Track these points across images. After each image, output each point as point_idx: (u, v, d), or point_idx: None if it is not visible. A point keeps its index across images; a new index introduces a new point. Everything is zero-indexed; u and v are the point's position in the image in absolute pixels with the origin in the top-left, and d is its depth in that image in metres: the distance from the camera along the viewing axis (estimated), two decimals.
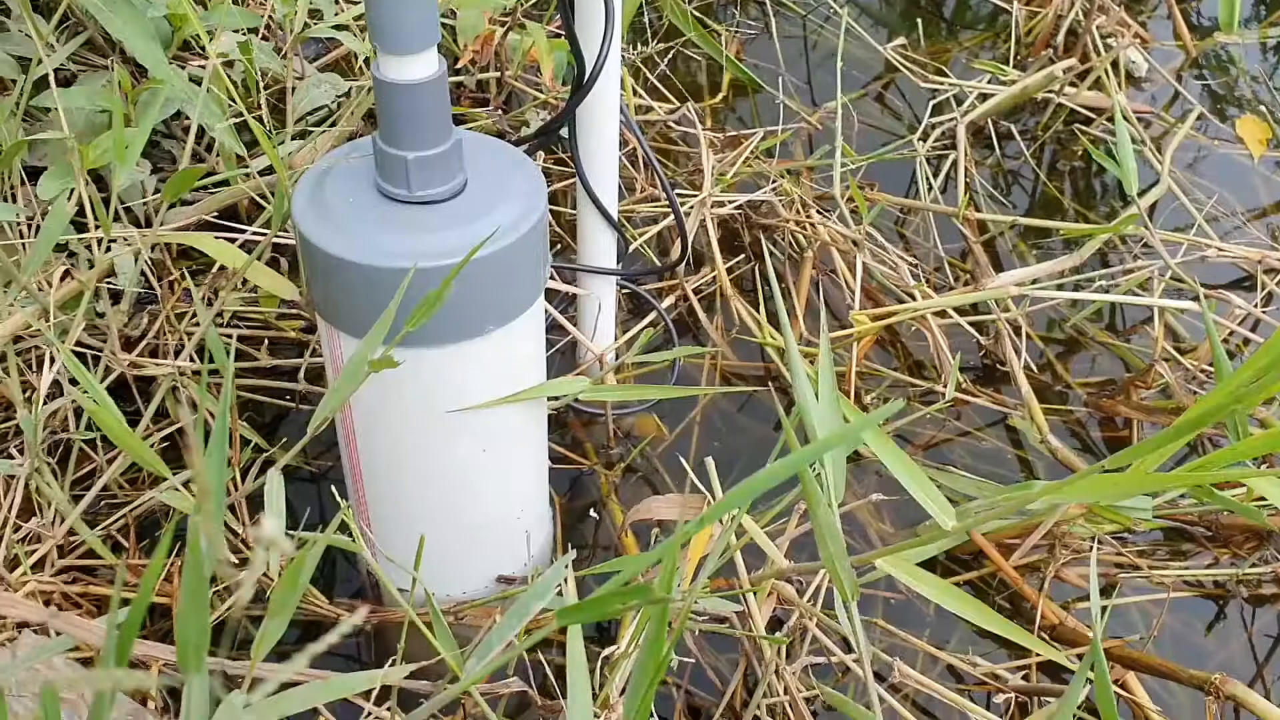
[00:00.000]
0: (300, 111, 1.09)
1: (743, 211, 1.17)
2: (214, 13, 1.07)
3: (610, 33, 0.79)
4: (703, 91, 1.42)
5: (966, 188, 1.22)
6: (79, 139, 1.02)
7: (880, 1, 1.63)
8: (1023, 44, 1.49)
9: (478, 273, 0.67)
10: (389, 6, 0.66)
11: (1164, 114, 1.40)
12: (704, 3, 1.58)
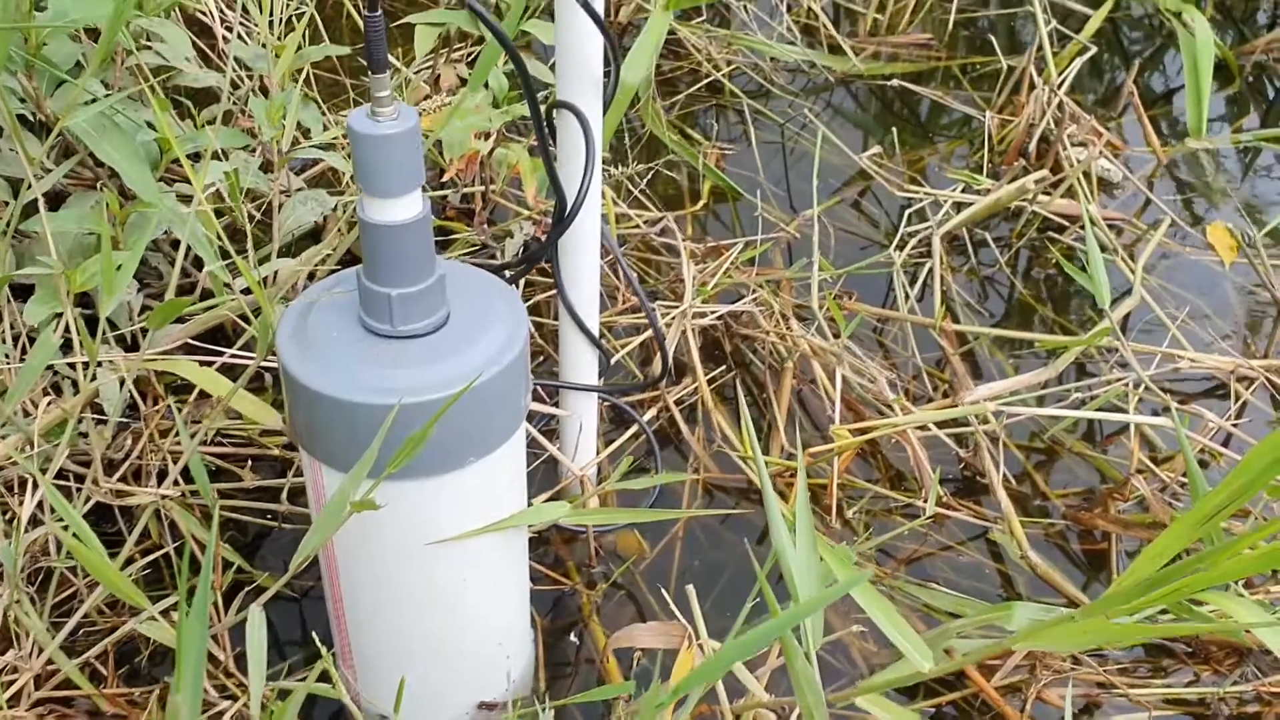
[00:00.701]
0: (287, 230, 1.11)
1: (723, 321, 1.19)
2: (202, 134, 1.09)
3: (590, 168, 0.81)
4: (684, 198, 1.44)
5: (943, 297, 1.24)
6: (67, 258, 1.03)
7: (856, 105, 1.67)
8: (995, 151, 1.52)
9: (460, 407, 0.67)
10: (374, 154, 0.68)
11: (1136, 221, 1.43)
12: (684, 111, 1.62)
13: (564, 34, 0.82)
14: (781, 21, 1.75)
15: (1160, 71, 1.82)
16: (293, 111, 1.12)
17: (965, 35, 1.84)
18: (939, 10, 1.86)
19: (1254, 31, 1.91)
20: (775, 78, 1.70)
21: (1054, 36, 1.75)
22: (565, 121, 0.85)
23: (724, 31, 1.72)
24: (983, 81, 1.72)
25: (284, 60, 1.14)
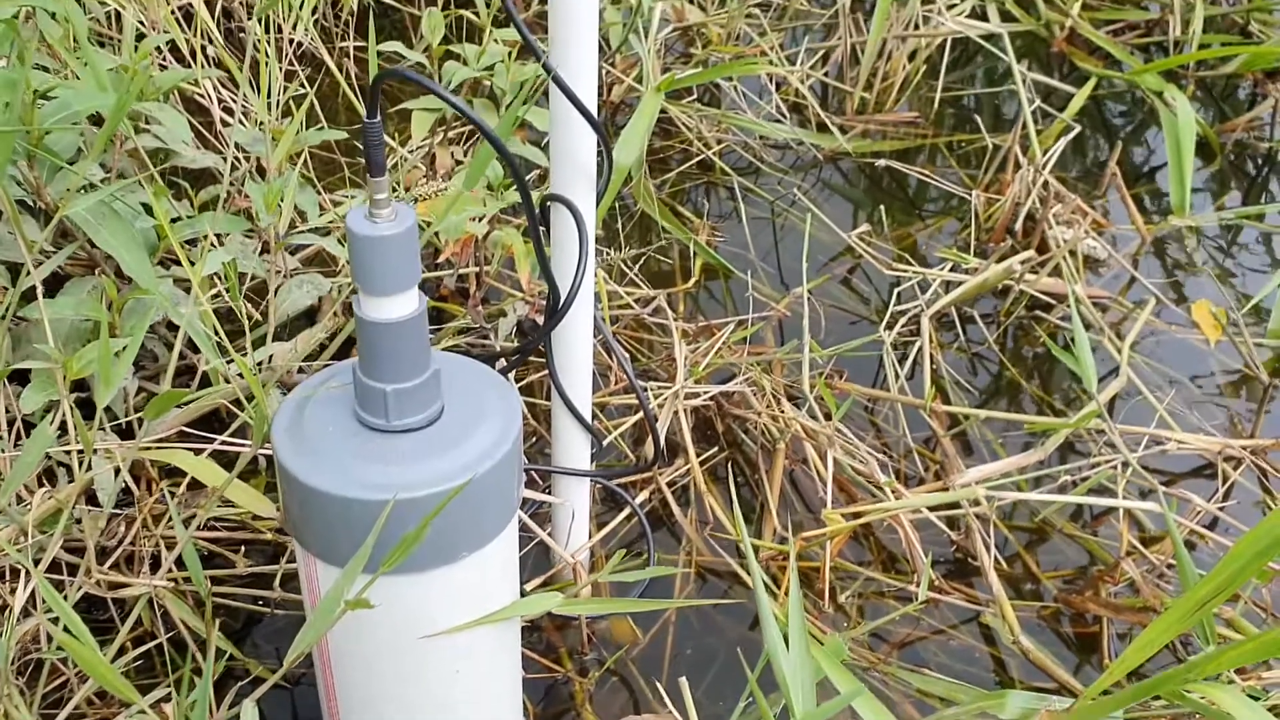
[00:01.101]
0: (282, 314, 1.12)
1: (715, 401, 1.20)
2: (199, 219, 1.11)
3: (584, 263, 0.82)
4: (676, 274, 1.46)
5: (933, 376, 1.25)
6: (64, 342, 1.04)
7: (845, 181, 1.69)
8: (983, 229, 1.54)
9: (454, 501, 0.68)
10: (371, 254, 0.69)
11: (1121, 299, 1.45)
12: (675, 189, 1.64)
13: (558, 129, 0.84)
14: (770, 100, 1.78)
15: (1144, 144, 1.85)
16: (289, 196, 1.14)
17: (951, 112, 1.88)
18: (925, 88, 1.90)
19: (1234, 107, 1.95)
20: (765, 155, 1.73)
21: (1038, 114, 1.79)
22: (559, 214, 0.87)
23: (714, 110, 1.75)
24: (969, 158, 1.75)
25: (282, 146, 1.16)
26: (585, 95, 0.81)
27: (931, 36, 1.82)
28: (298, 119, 1.16)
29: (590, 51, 0.80)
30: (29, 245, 0.98)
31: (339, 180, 1.56)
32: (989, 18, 2.04)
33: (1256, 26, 2.06)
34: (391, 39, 1.97)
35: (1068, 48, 2.03)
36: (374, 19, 1.95)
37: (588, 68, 0.80)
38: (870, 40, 1.82)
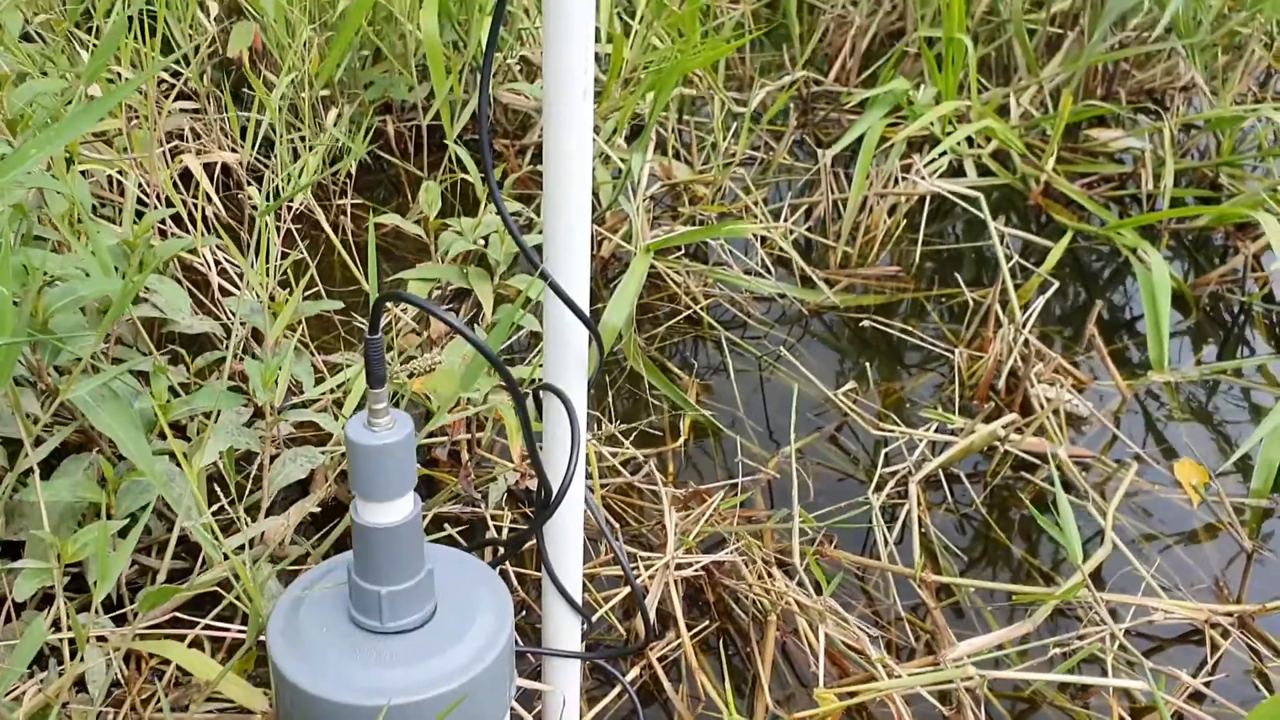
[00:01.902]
0: (276, 487, 1.13)
1: (707, 570, 1.20)
2: (197, 396, 1.13)
3: (575, 457, 0.83)
4: (666, 432, 1.48)
5: (922, 540, 1.26)
6: (59, 520, 1.05)
7: (830, 334, 1.73)
8: (966, 385, 1.57)
9: (445, 703, 0.68)
10: (369, 463, 0.71)
11: (1104, 457, 1.47)
12: (663, 344, 1.67)
13: (551, 322, 0.86)
14: (755, 255, 1.83)
15: (1122, 292, 1.89)
16: (286, 369, 1.16)
17: (931, 266, 1.92)
18: (905, 241, 1.95)
19: (1209, 257, 2.00)
20: (751, 309, 1.76)
21: (1016, 269, 1.84)
22: (551, 401, 0.89)
23: (701, 266, 1.79)
24: (952, 312, 1.79)
25: (280, 320, 1.19)
26: (578, 294, 0.84)
27: (910, 195, 1.87)
28: (296, 295, 1.19)
29: (582, 254, 0.83)
30: (28, 431, 1.00)
31: (333, 340, 1.59)
32: (966, 172, 2.11)
33: (1226, 179, 2.13)
34: (388, 190, 2.04)
35: (1044, 201, 2.09)
36: (373, 175, 2.00)
37: (580, 268, 0.83)
38: (851, 197, 1.87)
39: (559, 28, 0.72)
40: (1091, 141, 2.29)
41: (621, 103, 2.02)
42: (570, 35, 0.73)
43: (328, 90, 1.93)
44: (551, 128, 0.75)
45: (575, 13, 0.72)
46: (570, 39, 0.74)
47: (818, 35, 2.67)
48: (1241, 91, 2.39)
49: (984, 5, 2.50)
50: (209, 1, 1.87)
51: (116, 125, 1.54)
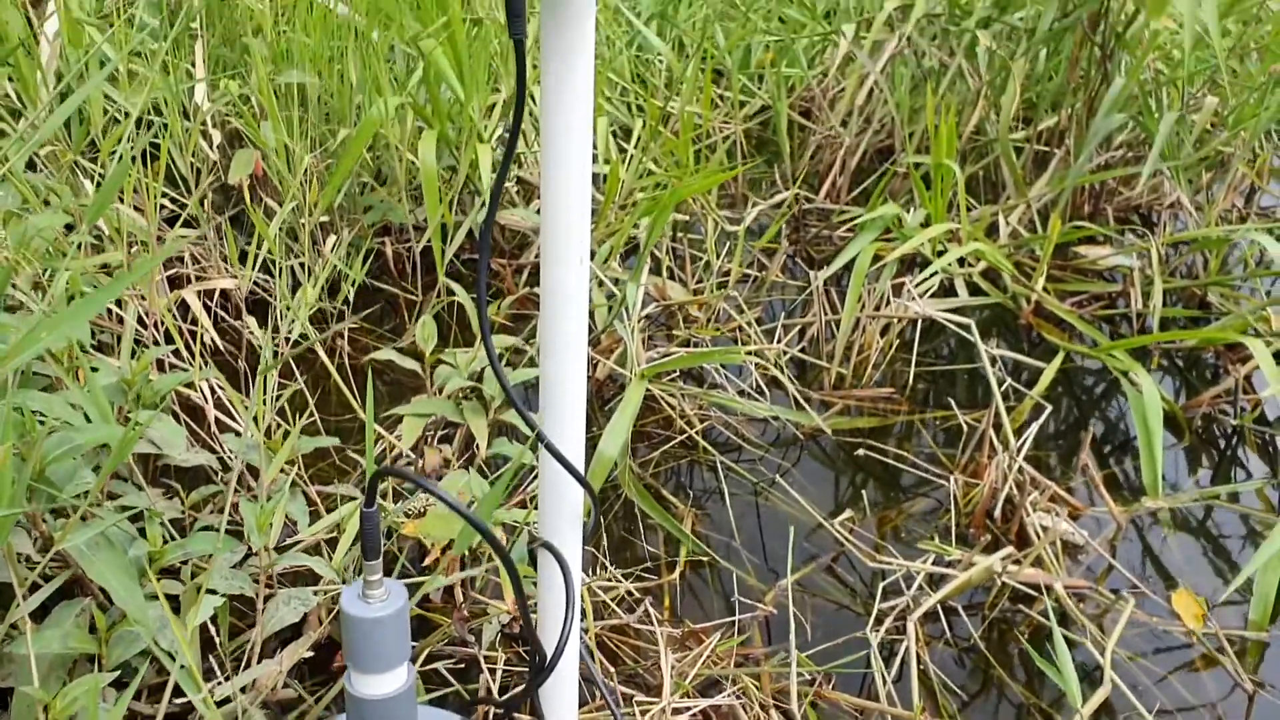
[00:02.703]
0: (269, 631, 1.12)
1: (704, 714, 1.19)
2: (192, 540, 1.12)
3: (570, 620, 0.83)
4: (662, 562, 1.47)
5: (921, 679, 1.25)
6: (49, 670, 1.04)
7: (826, 457, 1.73)
8: (962, 513, 1.57)
9: None
10: (364, 636, 0.71)
11: (1101, 588, 1.46)
12: (659, 469, 1.67)
13: (547, 480, 0.87)
14: (750, 377, 1.84)
15: (1115, 410, 1.90)
16: (280, 510, 1.16)
17: (924, 387, 1.93)
18: (899, 362, 1.96)
19: (1201, 374, 2.01)
20: (746, 432, 1.77)
21: (1009, 392, 1.85)
22: (545, 557, 0.89)
23: (696, 390, 1.80)
24: (947, 433, 1.79)
25: (276, 461, 1.19)
26: (573, 454, 0.84)
27: (901, 318, 1.89)
28: (293, 437, 1.20)
29: (578, 413, 0.84)
30: (20, 580, 0.99)
31: (329, 467, 1.59)
32: (957, 291, 2.13)
33: (1215, 298, 2.16)
34: (386, 312, 2.06)
35: (1035, 320, 2.11)
36: (371, 295, 2.02)
37: (575, 428, 0.84)
38: (844, 319, 1.89)
39: (556, 179, 0.74)
40: (1081, 259, 2.32)
41: (617, 226, 2.05)
42: (569, 209, 0.74)
43: (327, 216, 1.96)
44: (548, 303, 0.77)
45: (573, 154, 0.74)
46: (568, 211, 0.76)
47: (808, 153, 2.72)
48: (1227, 208, 2.43)
49: (971, 124, 2.55)
50: (211, 130, 1.91)
51: (118, 258, 1.56)
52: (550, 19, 0.70)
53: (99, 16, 1.96)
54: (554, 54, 0.72)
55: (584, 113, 0.73)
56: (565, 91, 0.73)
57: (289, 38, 1.96)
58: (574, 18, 0.70)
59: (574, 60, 0.72)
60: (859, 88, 2.62)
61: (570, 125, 0.74)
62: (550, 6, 0.69)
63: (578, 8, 0.70)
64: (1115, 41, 2.32)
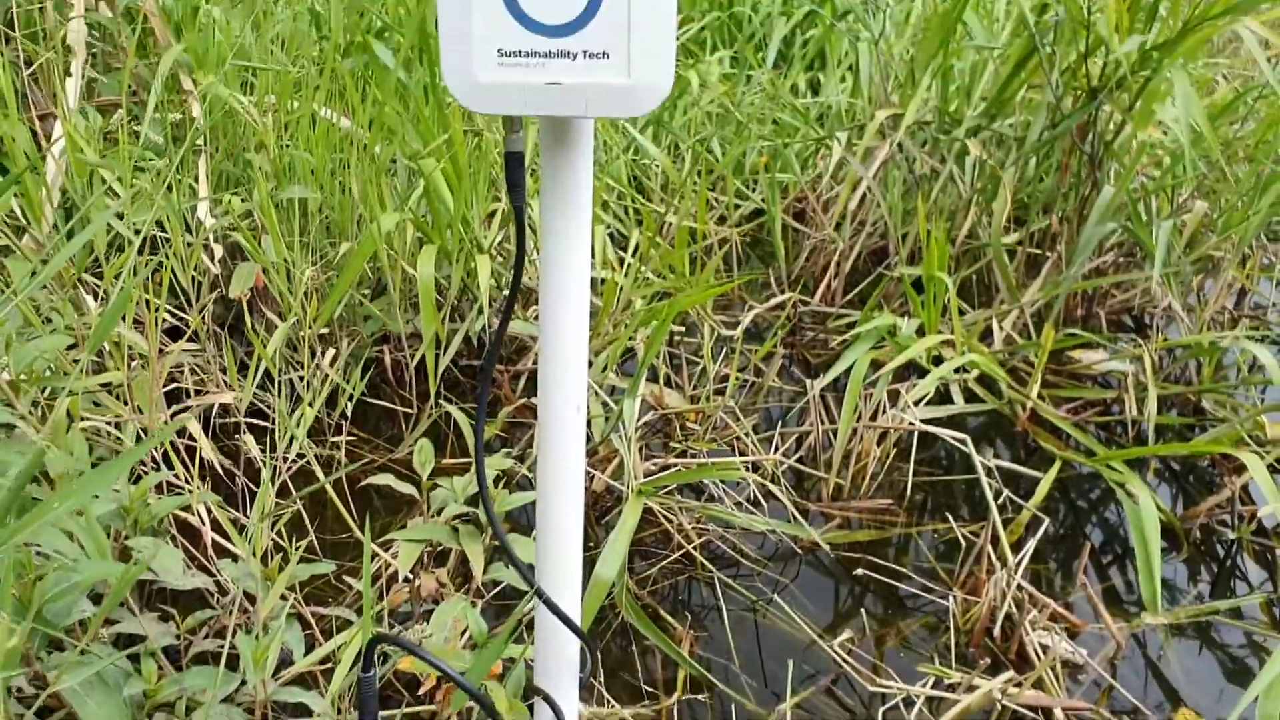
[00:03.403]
0: None
1: None
2: (188, 675, 1.12)
3: None
4: (659, 686, 1.46)
5: None
6: None
7: (824, 570, 1.72)
8: (961, 631, 1.56)
9: None
10: None
11: (1101, 710, 1.45)
12: (656, 586, 1.66)
13: (543, 632, 0.87)
14: (747, 488, 1.84)
15: (1114, 515, 1.90)
16: (276, 642, 1.15)
17: (922, 498, 1.93)
18: (896, 472, 1.97)
19: (1198, 480, 2.02)
20: (744, 546, 1.77)
21: (1007, 504, 1.85)
22: (541, 706, 0.88)
23: (693, 503, 1.80)
24: (945, 545, 1.79)
25: (273, 592, 1.19)
26: (570, 608, 0.84)
27: (898, 428, 1.90)
28: (291, 566, 1.19)
29: (574, 566, 0.84)
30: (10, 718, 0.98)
31: (324, 586, 1.58)
32: (953, 397, 2.14)
33: (1210, 404, 2.17)
34: (384, 420, 2.06)
35: (1031, 426, 2.12)
36: (370, 403, 2.03)
37: (571, 582, 0.84)
38: (841, 429, 1.90)
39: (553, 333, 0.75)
40: (1075, 363, 2.33)
41: (615, 336, 2.07)
42: (564, 381, 0.76)
43: (326, 328, 1.97)
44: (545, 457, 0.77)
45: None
46: (564, 369, 0.77)
47: (803, 255, 2.75)
48: (1219, 310, 2.46)
49: (964, 230, 2.58)
50: (214, 245, 1.93)
51: (119, 377, 1.57)
52: (550, 173, 0.72)
53: (104, 133, 1.99)
54: (553, 208, 0.73)
55: (580, 289, 0.75)
56: (563, 252, 0.74)
57: (291, 153, 2.00)
58: (572, 189, 0.72)
59: (571, 217, 0.73)
60: (852, 193, 2.66)
61: (568, 302, 0.75)
62: (551, 167, 0.71)
63: (577, 180, 0.72)
64: (1104, 151, 2.37)
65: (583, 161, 0.73)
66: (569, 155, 0.73)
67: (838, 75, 3.38)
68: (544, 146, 0.73)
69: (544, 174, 0.74)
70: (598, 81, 0.68)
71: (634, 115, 0.68)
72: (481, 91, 0.69)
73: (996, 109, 2.59)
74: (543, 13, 0.67)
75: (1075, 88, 2.38)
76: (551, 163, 0.73)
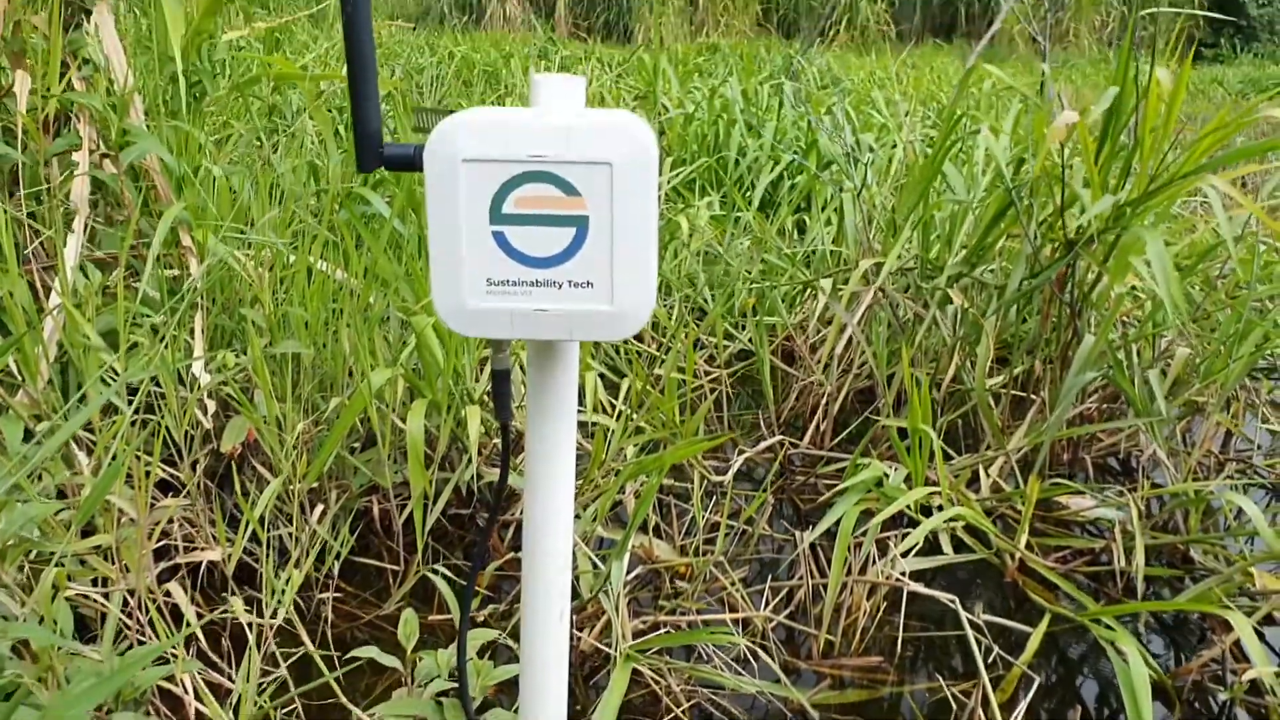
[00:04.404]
0: None
1: None
2: None
3: None
4: None
5: None
6: None
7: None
8: None
9: None
10: None
11: None
12: None
13: None
14: (736, 647, 1.83)
15: (1106, 667, 1.88)
16: None
17: (913, 654, 1.92)
18: (888, 625, 1.95)
19: (1187, 635, 2.01)
20: (734, 708, 1.75)
21: (997, 660, 1.84)
22: None
23: (682, 664, 1.78)
24: (936, 705, 1.77)
25: None
26: None
27: (887, 583, 1.90)
28: None
29: None
30: None
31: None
32: (942, 546, 2.14)
33: (1198, 554, 2.17)
34: (372, 575, 2.05)
35: (1020, 576, 2.12)
36: (358, 556, 2.02)
37: None
38: (830, 584, 1.89)
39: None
40: (1063, 510, 2.34)
41: (605, 487, 2.07)
42: (548, 592, 0.76)
43: (316, 482, 1.98)
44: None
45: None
46: (548, 588, 0.78)
47: (792, 395, 2.78)
48: (1206, 453, 2.47)
49: (949, 375, 2.62)
50: (207, 401, 1.95)
51: (108, 540, 1.57)
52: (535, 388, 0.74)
53: (103, 289, 2.03)
54: (539, 417, 0.75)
55: (564, 497, 0.76)
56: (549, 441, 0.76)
57: (285, 309, 2.03)
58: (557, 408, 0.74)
59: (556, 426, 0.75)
60: (838, 336, 2.70)
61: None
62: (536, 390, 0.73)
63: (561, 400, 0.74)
64: (1083, 300, 2.41)
65: (566, 377, 0.75)
66: (554, 370, 0.75)
67: (823, 219, 3.46)
68: (531, 362, 0.75)
69: (530, 386, 0.76)
70: (582, 309, 0.70)
71: (617, 339, 0.71)
72: (470, 317, 0.71)
73: (977, 256, 2.65)
74: (530, 246, 0.70)
75: (1052, 239, 2.44)
76: (538, 376, 0.75)
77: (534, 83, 0.74)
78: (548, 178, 0.70)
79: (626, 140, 0.69)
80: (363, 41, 0.74)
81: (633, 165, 0.69)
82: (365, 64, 0.74)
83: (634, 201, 0.69)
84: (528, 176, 0.70)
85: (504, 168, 0.70)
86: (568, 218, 0.70)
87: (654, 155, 0.69)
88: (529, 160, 0.70)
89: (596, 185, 0.69)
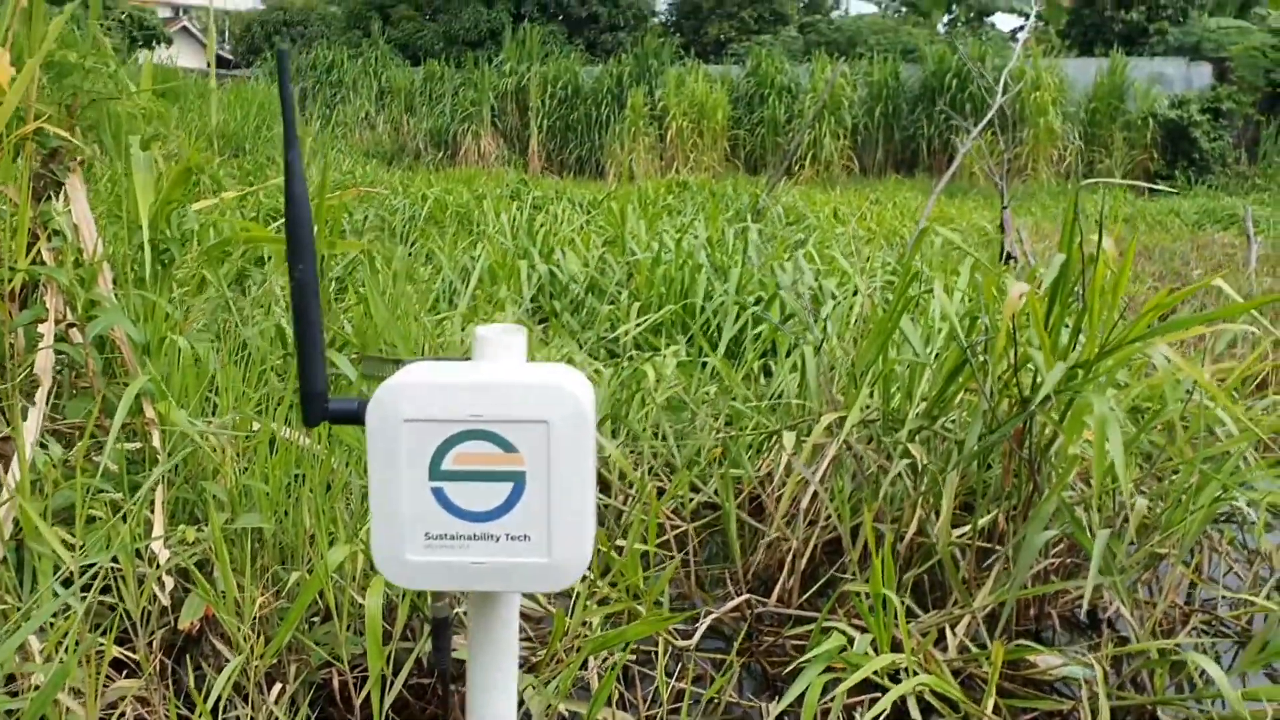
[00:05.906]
0: None
1: None
2: None
3: None
4: None
5: None
6: None
7: None
8: None
9: None
10: None
11: None
12: None
13: None
14: None
15: None
16: None
17: None
18: None
19: None
20: None
21: None
22: None
23: None
24: None
25: None
26: None
27: None
28: None
29: None
30: None
31: None
32: (910, 712, 2.12)
33: (1167, 717, 2.16)
34: None
35: None
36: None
37: None
38: None
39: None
40: (1031, 668, 2.33)
41: (568, 661, 2.05)
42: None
43: (276, 658, 1.95)
44: None
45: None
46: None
47: (760, 548, 2.77)
48: (1170, 607, 2.48)
49: (913, 528, 2.63)
50: (165, 577, 1.94)
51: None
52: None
53: (64, 463, 2.03)
54: (480, 663, 0.75)
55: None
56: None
57: (246, 481, 2.03)
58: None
59: (497, 672, 0.76)
60: (803, 491, 2.71)
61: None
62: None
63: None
64: (1040, 456, 2.44)
65: (507, 628, 0.76)
66: (494, 620, 0.76)
67: (787, 366, 3.51)
68: (470, 612, 0.76)
69: (471, 635, 0.76)
70: (519, 561, 0.72)
71: (554, 590, 0.72)
72: (409, 569, 0.72)
73: (938, 409, 2.68)
74: (469, 501, 0.72)
75: (1009, 395, 2.49)
76: (478, 624, 0.76)
77: (476, 336, 0.76)
78: (486, 435, 0.72)
79: (563, 399, 0.71)
80: (309, 306, 0.77)
81: (569, 423, 0.71)
82: (312, 326, 0.77)
83: (570, 457, 0.72)
84: (467, 435, 0.72)
85: (444, 427, 0.72)
86: (505, 473, 0.72)
87: (590, 413, 0.71)
88: (468, 419, 0.72)
89: (534, 442, 0.71)
